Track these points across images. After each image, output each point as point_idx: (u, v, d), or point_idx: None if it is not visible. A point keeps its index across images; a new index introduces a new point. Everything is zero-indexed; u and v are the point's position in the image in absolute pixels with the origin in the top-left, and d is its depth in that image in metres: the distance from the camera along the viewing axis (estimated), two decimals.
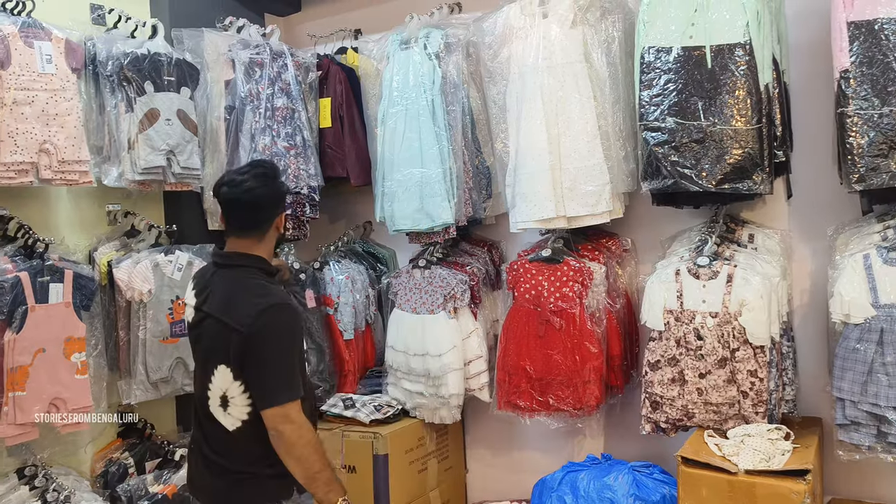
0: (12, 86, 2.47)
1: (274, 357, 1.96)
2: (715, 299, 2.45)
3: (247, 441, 2.01)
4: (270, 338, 1.95)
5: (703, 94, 2.43)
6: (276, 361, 1.96)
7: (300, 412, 1.97)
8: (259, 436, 1.97)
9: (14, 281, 2.45)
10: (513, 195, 2.82)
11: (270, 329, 1.95)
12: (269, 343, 1.95)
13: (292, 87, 3.22)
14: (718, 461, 2.26)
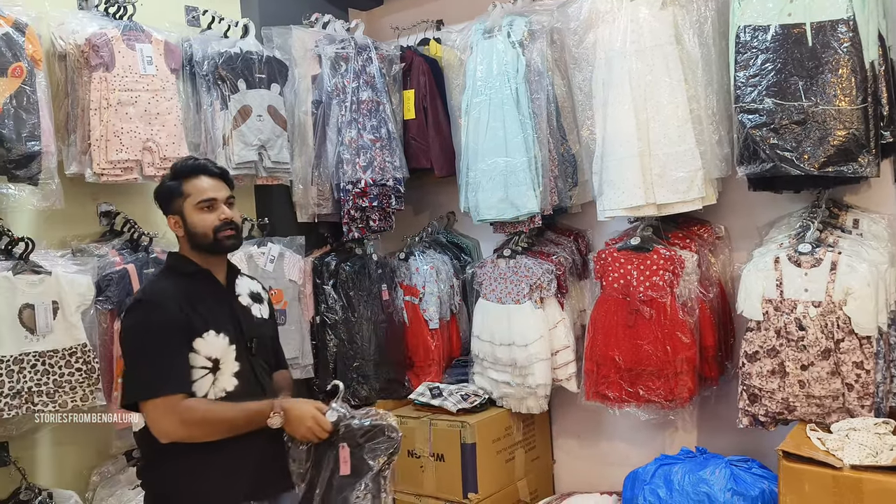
0: (117, 87, 2.59)
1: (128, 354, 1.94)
2: (818, 288, 2.35)
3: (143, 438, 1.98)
4: (125, 335, 1.97)
5: (804, 74, 2.33)
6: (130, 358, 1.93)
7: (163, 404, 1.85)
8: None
9: (122, 273, 2.58)
10: (600, 183, 2.78)
11: (124, 327, 1.97)
12: (124, 341, 1.98)
13: (377, 80, 3.27)
14: (822, 456, 2.18)
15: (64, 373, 2.39)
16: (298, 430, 1.93)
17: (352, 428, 1.98)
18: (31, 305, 2.36)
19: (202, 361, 1.92)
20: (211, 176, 2.01)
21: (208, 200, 1.98)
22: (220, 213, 1.98)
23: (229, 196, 2.03)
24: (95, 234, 2.80)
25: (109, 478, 2.71)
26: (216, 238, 1.97)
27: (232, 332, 1.98)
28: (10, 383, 2.29)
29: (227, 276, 2.08)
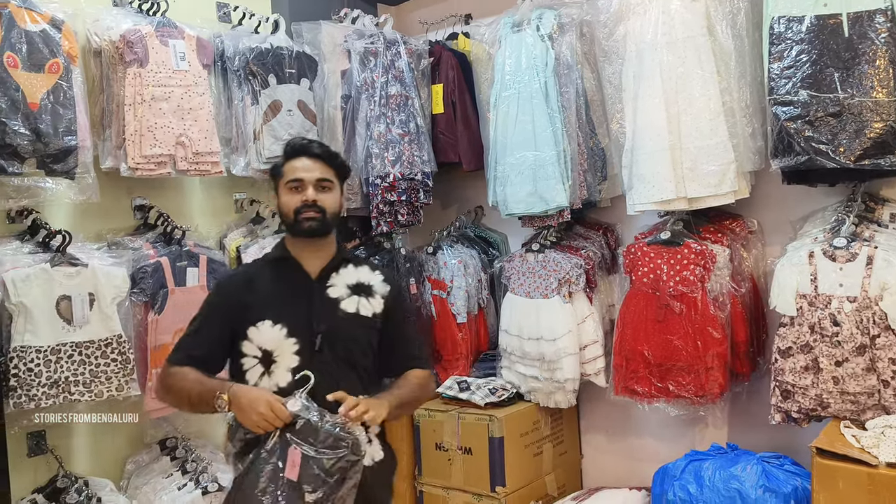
0: (151, 83, 2.63)
1: None
2: (853, 283, 2.31)
3: None
4: None
5: (840, 65, 2.29)
6: None
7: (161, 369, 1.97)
8: None
9: (156, 265, 2.63)
10: (630, 177, 2.76)
11: None
12: None
13: (405, 75, 3.27)
14: (857, 453, 2.14)
15: (100, 363, 2.44)
16: (248, 416, 1.77)
17: (314, 428, 1.77)
18: (68, 297, 2.41)
19: (253, 350, 1.89)
20: (310, 156, 1.95)
21: (296, 181, 1.93)
22: (305, 193, 1.92)
23: (322, 179, 1.95)
24: (130, 227, 2.85)
25: (144, 466, 2.77)
26: (296, 220, 1.92)
27: (296, 325, 1.90)
28: (47, 373, 2.35)
29: (326, 266, 1.98)
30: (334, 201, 1.97)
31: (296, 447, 1.76)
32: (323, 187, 1.94)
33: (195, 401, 1.85)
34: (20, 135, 2.31)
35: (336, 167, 1.99)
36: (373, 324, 1.99)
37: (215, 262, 2.80)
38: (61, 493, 2.48)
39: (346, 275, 2.00)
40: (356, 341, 1.96)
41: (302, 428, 1.77)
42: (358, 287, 1.99)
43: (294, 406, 1.78)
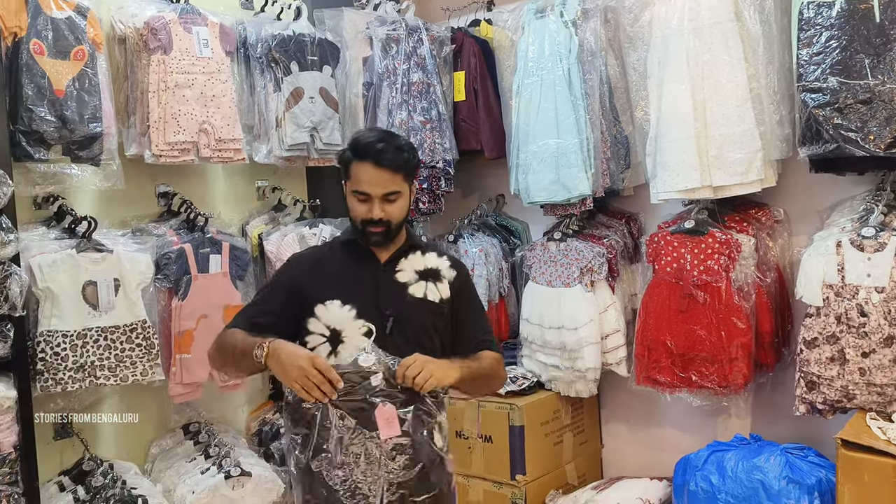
0: (174, 70, 2.64)
1: None
2: (881, 273, 2.27)
3: None
4: None
5: (871, 51, 2.24)
6: None
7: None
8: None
9: (179, 252, 2.65)
10: (654, 164, 2.73)
11: None
12: None
13: (427, 62, 3.26)
14: (883, 445, 2.12)
15: (125, 348, 2.47)
16: (288, 372, 1.70)
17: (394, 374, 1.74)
18: (93, 282, 2.43)
19: (320, 328, 1.86)
20: (378, 166, 1.86)
21: (362, 194, 1.88)
22: (371, 209, 1.87)
23: (389, 192, 1.87)
24: (154, 214, 2.87)
25: (167, 450, 2.80)
26: (363, 231, 1.90)
27: (364, 307, 1.87)
28: (73, 357, 2.38)
29: (395, 252, 1.97)
30: (401, 210, 1.92)
31: (382, 403, 1.72)
32: (390, 200, 1.88)
33: (238, 355, 1.82)
34: (46, 121, 2.33)
35: (406, 172, 1.91)
36: (440, 309, 1.95)
37: (238, 249, 2.82)
38: (87, 476, 2.52)
39: (414, 260, 1.98)
40: (423, 326, 1.93)
41: (382, 381, 1.73)
42: (426, 272, 1.97)
43: (368, 360, 1.74)
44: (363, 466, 1.72)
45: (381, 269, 1.94)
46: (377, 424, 1.72)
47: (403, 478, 1.75)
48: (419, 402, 1.78)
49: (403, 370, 1.74)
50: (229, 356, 1.87)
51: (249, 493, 2.61)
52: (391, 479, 1.73)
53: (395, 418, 1.72)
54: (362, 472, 1.72)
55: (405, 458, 1.75)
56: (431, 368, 1.75)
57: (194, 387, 2.69)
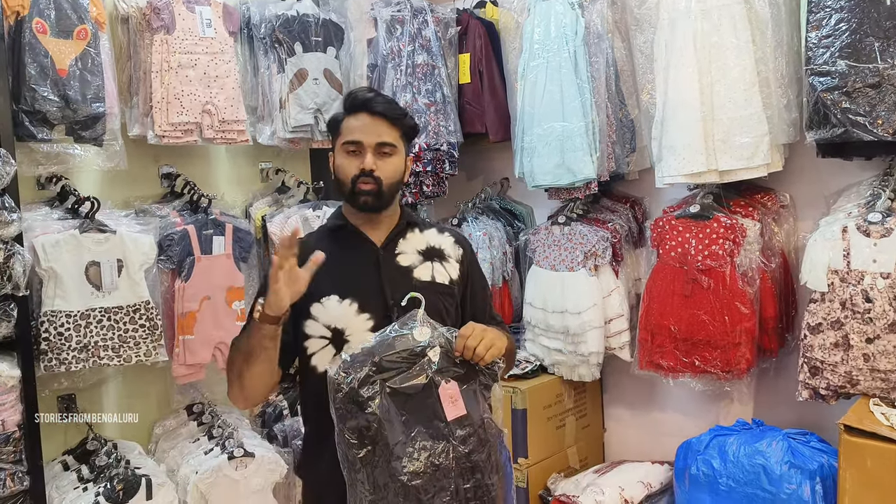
0: (177, 50, 2.63)
1: None
2: (887, 259, 2.26)
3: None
4: None
5: (881, 34, 2.21)
6: None
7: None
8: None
9: (182, 233, 2.64)
10: (659, 148, 2.71)
11: None
12: None
13: (432, 44, 3.23)
14: (886, 431, 2.11)
15: (128, 328, 2.47)
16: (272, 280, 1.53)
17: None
18: (96, 263, 2.43)
19: (320, 331, 1.67)
20: (372, 114, 1.69)
21: (353, 143, 1.69)
22: (363, 161, 1.67)
23: (383, 143, 1.69)
24: (157, 195, 2.87)
25: (171, 431, 2.81)
26: (353, 190, 1.69)
27: (367, 299, 1.68)
28: (77, 337, 2.38)
29: (391, 232, 1.78)
30: (395, 169, 1.72)
31: (445, 382, 1.55)
32: (384, 153, 1.70)
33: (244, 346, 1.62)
34: (49, 101, 2.32)
35: (402, 127, 1.74)
36: (451, 291, 1.78)
37: (241, 230, 2.81)
38: (91, 455, 2.53)
39: (413, 240, 1.80)
40: (436, 312, 1.69)
41: (442, 355, 1.56)
42: (430, 252, 1.79)
43: (423, 335, 1.55)
44: (431, 453, 1.52)
45: (379, 254, 1.75)
46: (442, 405, 1.54)
47: (474, 461, 1.56)
48: (478, 374, 1.60)
49: (464, 341, 1.57)
50: (240, 360, 1.64)
51: (252, 474, 2.63)
52: (462, 463, 1.54)
53: (459, 397, 1.55)
54: (431, 461, 1.52)
55: (473, 440, 1.56)
56: (491, 337, 1.59)
57: (197, 368, 2.70)
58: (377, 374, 1.53)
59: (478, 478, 1.56)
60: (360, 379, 1.51)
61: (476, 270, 1.90)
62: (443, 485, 1.52)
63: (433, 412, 1.54)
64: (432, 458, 1.52)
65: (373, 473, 1.52)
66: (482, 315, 1.83)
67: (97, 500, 2.32)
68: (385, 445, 1.51)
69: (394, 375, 1.53)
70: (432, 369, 1.55)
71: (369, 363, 1.53)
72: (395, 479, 1.50)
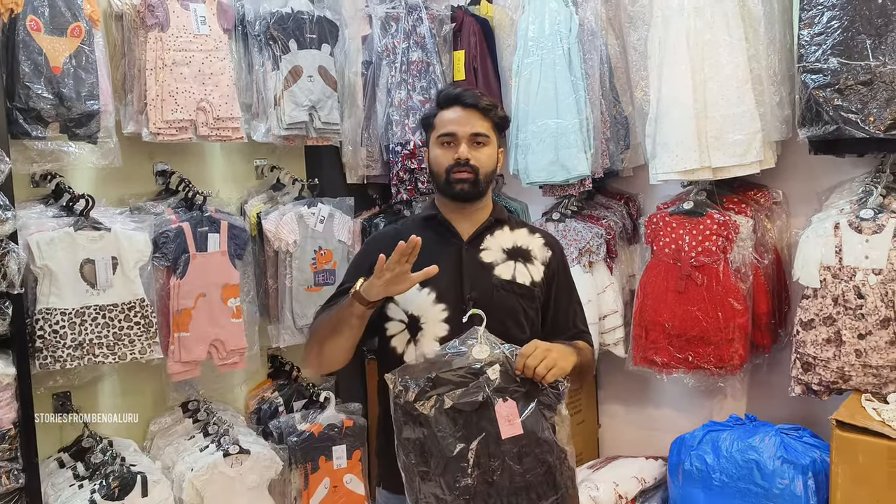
0: (171, 47, 2.62)
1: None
2: (879, 255, 2.28)
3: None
4: None
5: (872, 32, 2.23)
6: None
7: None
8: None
9: (178, 231, 2.64)
10: (653, 145, 2.72)
11: None
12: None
13: (427, 41, 3.23)
14: (878, 426, 2.13)
15: (123, 326, 2.47)
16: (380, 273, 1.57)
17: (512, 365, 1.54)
18: (91, 260, 2.43)
19: (399, 314, 1.74)
20: (464, 106, 1.75)
21: (448, 135, 1.74)
22: (458, 150, 1.72)
23: (477, 133, 1.74)
24: (152, 192, 2.86)
25: (166, 428, 2.82)
26: (447, 180, 1.74)
27: (446, 290, 1.72)
28: (72, 335, 2.38)
29: (479, 227, 1.80)
30: (490, 159, 1.76)
31: (503, 399, 1.53)
32: (478, 143, 1.74)
33: (333, 320, 1.69)
34: (43, 99, 2.32)
35: (494, 118, 1.78)
36: (531, 293, 1.77)
37: (236, 227, 2.81)
38: (86, 453, 2.53)
39: (501, 237, 1.81)
40: (511, 312, 1.73)
41: (501, 374, 1.54)
42: (515, 251, 1.79)
43: (482, 353, 1.55)
44: (484, 469, 1.52)
45: (463, 248, 1.77)
46: (497, 423, 1.53)
47: (529, 480, 1.54)
48: (540, 394, 1.57)
49: (524, 360, 1.56)
50: (326, 328, 1.71)
51: (248, 471, 2.64)
52: (516, 482, 1.53)
53: (517, 415, 1.53)
54: (483, 477, 1.52)
55: (530, 459, 1.54)
56: (554, 357, 1.57)
57: (193, 365, 2.70)
58: (433, 389, 1.54)
59: (532, 497, 1.54)
60: (416, 393, 1.54)
61: (564, 275, 1.87)
62: (495, 502, 1.53)
63: (489, 430, 1.53)
64: (486, 475, 1.51)
65: (427, 484, 1.54)
66: (565, 322, 1.83)
67: (92, 498, 2.33)
68: (441, 458, 1.52)
69: (451, 389, 1.54)
70: (491, 387, 1.54)
71: (425, 378, 1.55)
72: (448, 492, 1.52)
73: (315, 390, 3.09)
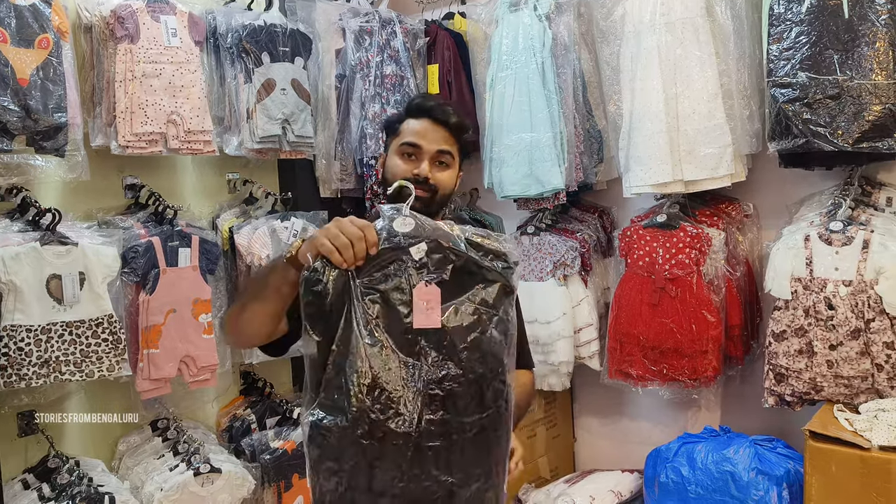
0: (141, 59, 2.59)
1: None
2: (849, 267, 2.31)
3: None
4: None
5: (840, 47, 2.27)
6: None
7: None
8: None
9: (147, 245, 2.60)
10: (626, 159, 2.74)
11: None
12: None
13: (401, 55, 3.24)
14: (850, 436, 2.15)
15: (91, 343, 2.42)
16: (321, 232, 1.32)
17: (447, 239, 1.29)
18: (58, 276, 2.38)
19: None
20: (435, 121, 1.67)
21: (412, 146, 1.65)
22: (419, 165, 1.63)
23: (443, 151, 1.65)
24: (121, 206, 2.81)
25: (135, 447, 2.75)
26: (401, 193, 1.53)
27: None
28: (38, 352, 2.32)
29: None
30: (450, 180, 1.68)
31: (424, 284, 1.27)
32: (441, 162, 1.66)
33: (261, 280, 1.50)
34: (10, 111, 2.26)
35: (460, 140, 1.71)
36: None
37: (208, 242, 2.77)
38: (52, 473, 2.46)
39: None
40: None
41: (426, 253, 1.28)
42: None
43: (405, 225, 1.29)
44: (395, 370, 1.26)
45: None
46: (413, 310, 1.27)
47: (449, 392, 1.28)
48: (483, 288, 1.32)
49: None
50: (252, 290, 1.53)
51: (219, 490, 2.58)
52: (433, 392, 1.27)
53: (437, 304, 1.27)
54: (394, 378, 1.26)
55: (453, 367, 1.28)
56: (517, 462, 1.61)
57: (162, 382, 2.64)
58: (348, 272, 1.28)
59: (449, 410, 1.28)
60: (333, 278, 1.28)
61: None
62: (398, 410, 1.26)
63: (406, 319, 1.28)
64: (388, 375, 1.25)
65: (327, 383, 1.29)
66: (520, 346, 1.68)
67: None
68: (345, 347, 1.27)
69: (370, 274, 1.28)
70: (413, 269, 1.28)
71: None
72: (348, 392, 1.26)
73: (288, 407, 3.05)
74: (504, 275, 1.33)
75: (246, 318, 1.51)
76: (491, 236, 1.36)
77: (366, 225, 1.31)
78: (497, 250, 1.34)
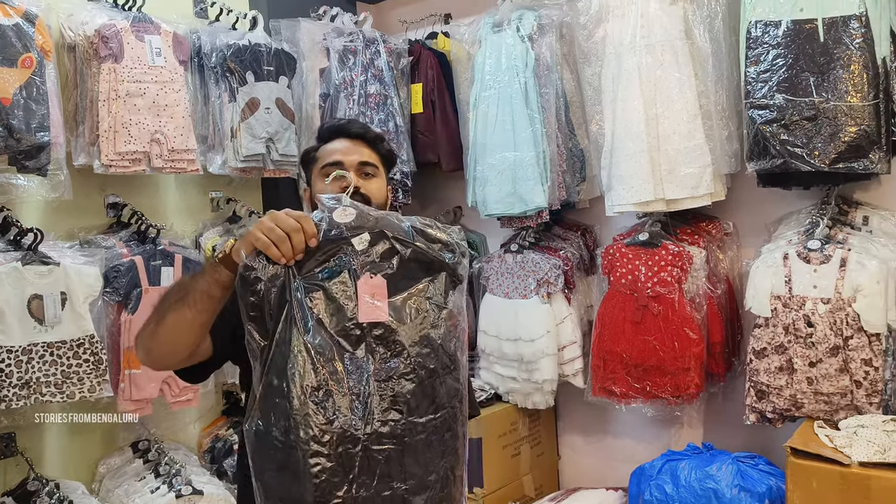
0: (125, 78, 2.59)
1: None
2: (827, 284, 2.34)
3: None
4: None
5: (815, 70, 2.32)
6: None
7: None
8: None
9: (129, 265, 2.59)
10: (608, 178, 2.77)
11: None
12: None
13: (385, 74, 3.26)
14: (830, 452, 2.17)
15: (72, 363, 2.39)
16: (255, 229, 1.22)
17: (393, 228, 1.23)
18: (39, 296, 2.36)
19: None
20: (350, 137, 1.62)
21: (333, 165, 1.57)
22: (345, 181, 1.45)
23: (366, 163, 1.60)
24: (103, 225, 2.80)
25: (116, 469, 2.72)
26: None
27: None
28: (18, 373, 2.30)
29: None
30: (380, 191, 1.61)
31: (369, 275, 1.20)
32: (366, 173, 1.59)
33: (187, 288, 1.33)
34: None
35: (381, 151, 1.66)
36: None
37: (191, 261, 2.76)
38: (32, 496, 2.43)
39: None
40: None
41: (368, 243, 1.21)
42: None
43: (346, 215, 1.22)
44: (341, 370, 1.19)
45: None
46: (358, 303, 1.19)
47: (399, 390, 1.22)
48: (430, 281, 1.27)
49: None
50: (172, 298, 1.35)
51: None
52: (382, 391, 1.20)
53: (384, 296, 1.20)
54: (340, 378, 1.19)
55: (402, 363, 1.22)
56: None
57: (144, 403, 2.62)
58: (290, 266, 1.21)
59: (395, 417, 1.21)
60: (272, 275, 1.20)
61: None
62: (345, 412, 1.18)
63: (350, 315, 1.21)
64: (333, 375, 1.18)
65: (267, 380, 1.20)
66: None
67: None
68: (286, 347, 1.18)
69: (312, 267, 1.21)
70: (356, 261, 1.22)
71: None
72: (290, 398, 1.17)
73: None
74: (452, 266, 1.28)
75: (165, 330, 1.33)
76: (438, 226, 1.30)
77: (302, 216, 1.23)
78: (445, 240, 1.28)
